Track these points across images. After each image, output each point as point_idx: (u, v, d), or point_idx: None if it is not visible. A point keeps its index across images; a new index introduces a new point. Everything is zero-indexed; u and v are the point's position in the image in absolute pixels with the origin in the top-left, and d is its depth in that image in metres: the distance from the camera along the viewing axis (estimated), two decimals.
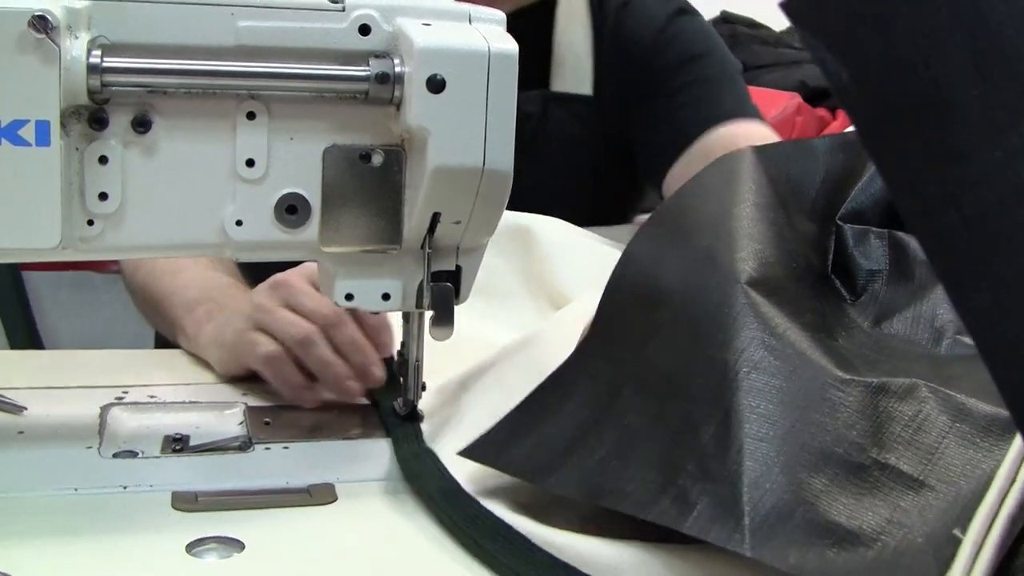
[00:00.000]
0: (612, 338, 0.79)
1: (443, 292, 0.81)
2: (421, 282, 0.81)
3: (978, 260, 0.42)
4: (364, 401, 0.94)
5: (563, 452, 0.72)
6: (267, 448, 0.84)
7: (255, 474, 0.79)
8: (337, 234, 0.78)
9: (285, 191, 0.77)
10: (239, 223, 0.76)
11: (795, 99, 2.70)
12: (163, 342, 1.49)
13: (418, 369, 0.87)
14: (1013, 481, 0.60)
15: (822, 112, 2.76)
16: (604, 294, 0.81)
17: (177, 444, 0.84)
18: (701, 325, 0.73)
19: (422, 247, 0.80)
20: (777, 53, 3.15)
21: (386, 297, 0.82)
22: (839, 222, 0.89)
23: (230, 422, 0.89)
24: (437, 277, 0.81)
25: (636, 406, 0.72)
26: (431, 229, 0.79)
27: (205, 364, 1.01)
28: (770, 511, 0.63)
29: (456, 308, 0.83)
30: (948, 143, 0.42)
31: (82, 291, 2.19)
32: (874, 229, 0.87)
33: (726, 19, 3.29)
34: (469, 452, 0.76)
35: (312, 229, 0.78)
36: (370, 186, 0.78)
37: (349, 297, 0.81)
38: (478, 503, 0.73)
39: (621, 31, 1.40)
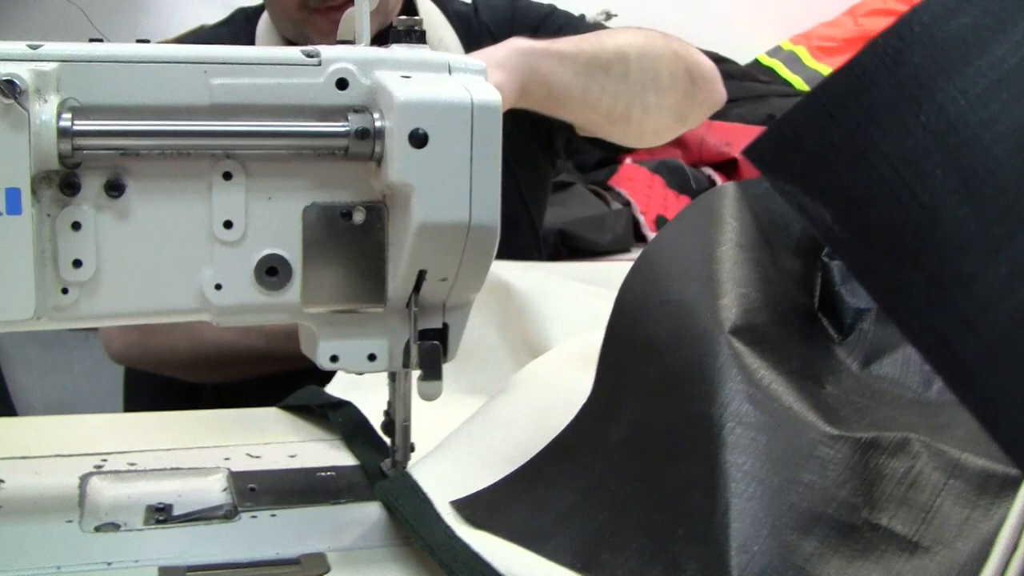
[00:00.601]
0: (610, 398, 0.77)
1: (431, 350, 0.79)
2: (408, 341, 0.79)
3: (1008, 383, 0.40)
4: (351, 462, 0.91)
5: (560, 519, 0.70)
6: (253, 516, 0.81)
7: (243, 545, 0.77)
8: (319, 294, 0.76)
9: (265, 252, 0.75)
10: (218, 287, 0.74)
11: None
12: (134, 402, 1.47)
13: (406, 429, 0.84)
14: (1015, 549, 0.58)
15: None
16: (601, 352, 0.79)
17: (160, 514, 0.81)
18: (687, 379, 0.71)
19: (407, 305, 0.78)
20: (743, 87, 3.15)
21: (372, 358, 0.79)
22: (824, 259, 0.87)
23: (213, 488, 0.87)
24: (424, 336, 0.79)
25: (631, 470, 0.70)
26: (416, 287, 0.77)
27: (184, 427, 0.99)
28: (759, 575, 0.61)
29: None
30: (950, 267, 0.41)
31: (53, 349, 2.15)
32: None
33: None
34: (462, 507, 0.73)
35: (294, 290, 0.76)
36: (352, 244, 0.76)
37: (334, 359, 0.79)
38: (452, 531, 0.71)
39: (479, 22, 1.49)
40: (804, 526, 0.63)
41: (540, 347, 1.04)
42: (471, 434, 0.81)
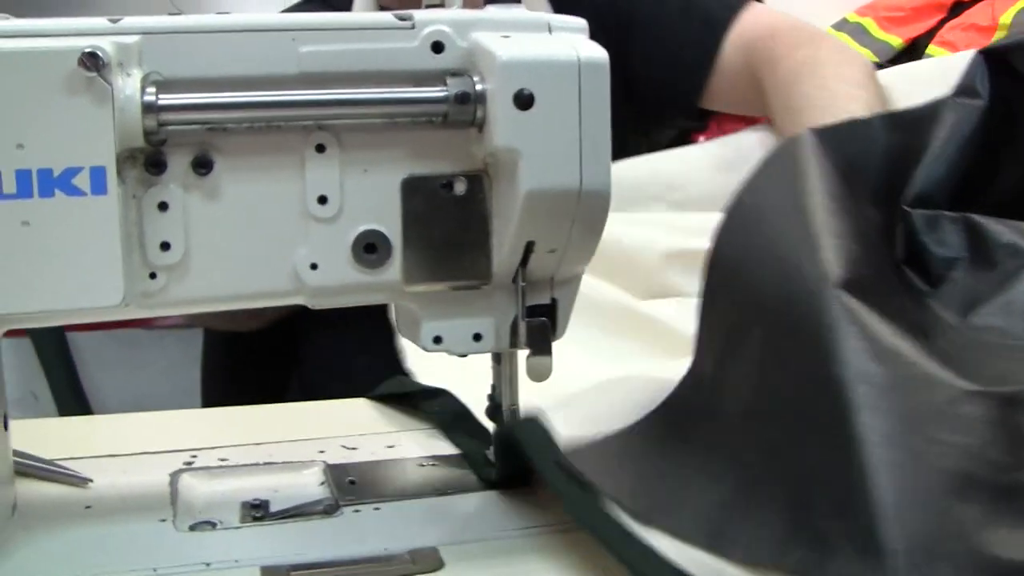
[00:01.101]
0: (717, 365, 0.71)
1: (540, 327, 0.74)
2: (515, 318, 0.74)
3: None
4: (453, 451, 0.86)
5: (676, 490, 0.65)
6: (356, 510, 0.76)
7: (348, 540, 0.72)
8: (421, 272, 0.71)
9: (362, 228, 0.70)
10: (314, 267, 0.70)
11: None
12: (211, 400, 1.43)
13: (514, 414, 0.79)
14: None
15: None
16: (700, 313, 0.74)
17: (257, 511, 0.76)
18: (800, 339, 0.65)
19: (514, 280, 0.73)
20: None
21: (477, 338, 0.75)
22: (906, 208, 0.81)
23: (310, 482, 0.82)
24: (532, 312, 0.74)
25: (753, 439, 0.65)
26: (524, 260, 0.72)
27: (272, 420, 0.95)
28: (917, 547, 0.56)
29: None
30: None
31: (129, 350, 2.12)
32: (947, 213, 0.79)
33: None
34: (571, 456, 0.69)
35: (394, 268, 0.71)
36: (454, 217, 0.71)
37: (438, 340, 0.74)
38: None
39: None
40: (958, 490, 0.57)
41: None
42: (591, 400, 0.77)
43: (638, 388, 0.78)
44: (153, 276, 0.67)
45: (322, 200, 0.69)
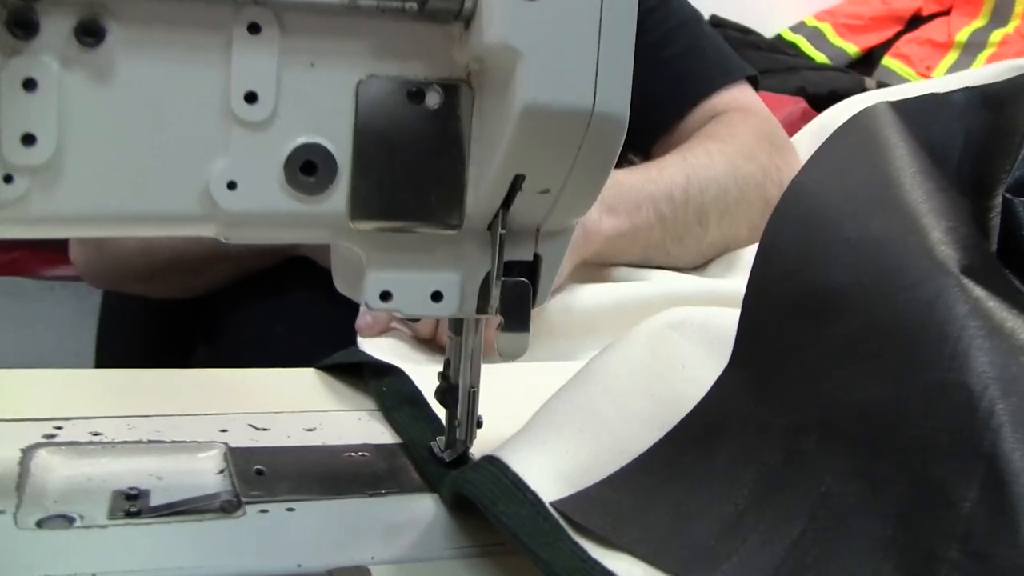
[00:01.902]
0: (768, 368, 0.55)
1: (517, 291, 0.58)
2: (487, 276, 0.57)
3: None
4: (390, 439, 0.69)
5: (723, 533, 0.49)
6: (263, 510, 0.59)
7: (251, 550, 0.55)
8: (372, 205, 0.54)
9: (301, 141, 0.53)
10: (232, 186, 0.52)
11: (800, 103, 2.50)
12: (106, 361, 1.24)
13: (473, 398, 0.63)
14: None
15: None
16: (745, 308, 0.58)
17: (132, 504, 0.59)
18: (911, 337, 0.49)
19: (490, 227, 0.56)
20: (771, 58, 2.96)
21: (437, 297, 0.58)
22: (1008, 196, 0.66)
23: (205, 470, 0.65)
24: (508, 270, 0.57)
25: (830, 464, 0.49)
26: (506, 200, 0.55)
27: (168, 387, 0.77)
28: None
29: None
30: None
31: (11, 302, 1.90)
32: None
33: (716, 23, 3.09)
34: (573, 510, 0.52)
35: (337, 197, 0.54)
36: (422, 137, 0.54)
37: (386, 296, 0.57)
38: None
39: None
40: None
41: None
42: (572, 409, 0.59)
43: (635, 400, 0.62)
44: (8, 179, 0.49)
45: (250, 98, 0.52)
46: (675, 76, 1.23)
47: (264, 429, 0.71)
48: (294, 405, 0.75)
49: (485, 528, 0.58)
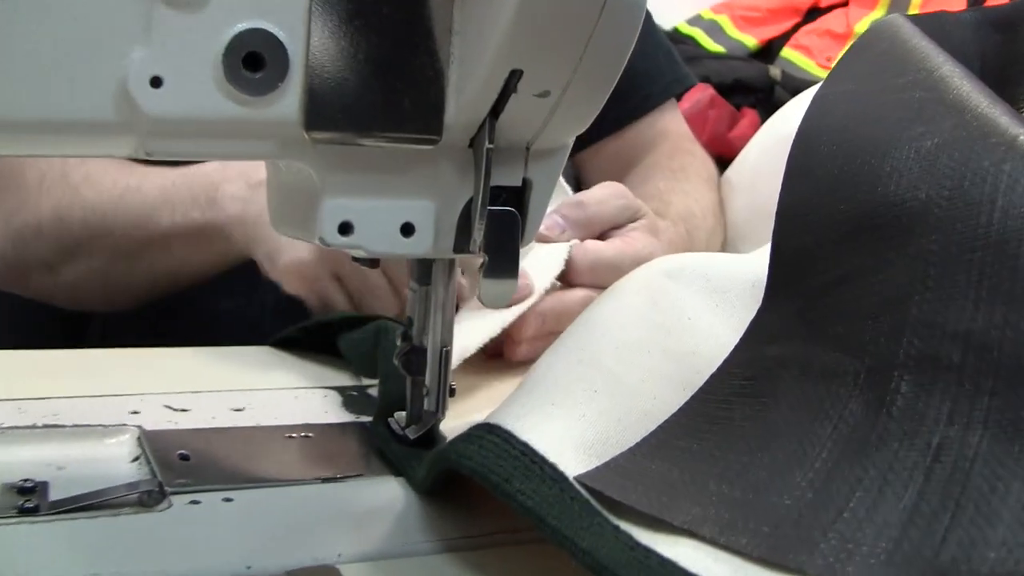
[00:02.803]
0: (822, 302, 0.45)
1: (504, 223, 0.47)
2: (467, 205, 0.47)
3: None
4: (345, 416, 0.58)
5: (809, 503, 0.39)
6: (193, 502, 0.48)
7: (181, 549, 0.44)
8: (331, 111, 0.43)
9: (243, 26, 0.41)
10: (157, 82, 0.41)
11: (707, 91, 2.44)
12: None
13: (446, 359, 0.52)
14: None
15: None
16: (780, 234, 0.48)
17: (28, 499, 0.47)
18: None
19: (473, 143, 0.46)
20: (676, 49, 2.90)
21: (408, 230, 0.47)
22: None
23: (116, 457, 0.53)
24: (493, 197, 0.47)
25: (940, 410, 0.39)
26: (496, 107, 0.44)
27: (70, 366, 0.65)
28: None
29: None
30: None
31: None
32: None
33: None
34: (607, 484, 0.41)
35: (288, 100, 0.43)
36: (393, 25, 0.43)
37: (346, 229, 0.46)
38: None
39: None
40: None
41: None
42: (580, 366, 0.49)
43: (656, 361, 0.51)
44: None
45: None
46: (629, 77, 1.14)
47: (183, 410, 0.59)
48: (215, 384, 0.64)
49: (471, 516, 0.47)
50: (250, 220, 0.77)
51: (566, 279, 0.72)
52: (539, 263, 0.71)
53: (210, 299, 0.87)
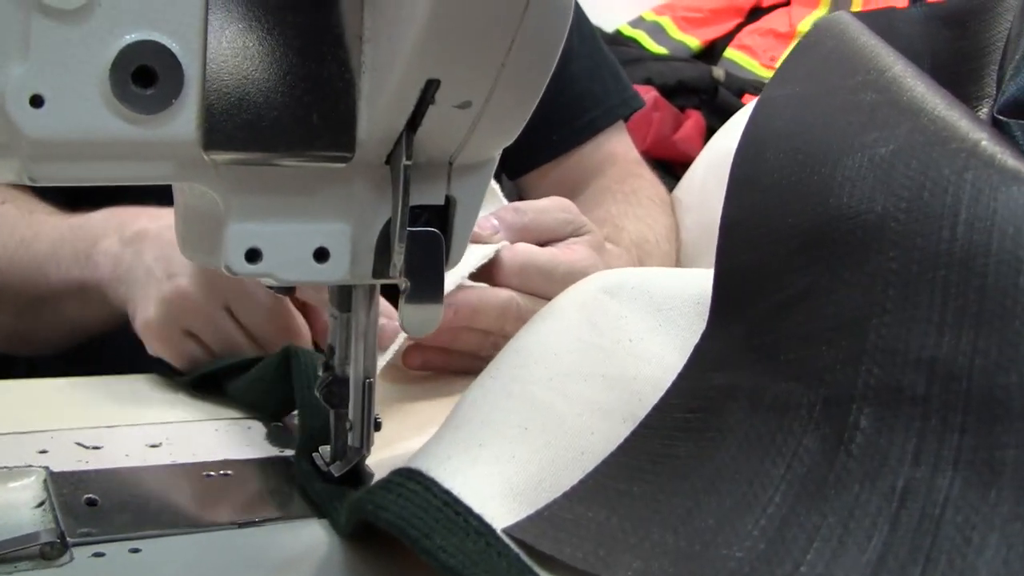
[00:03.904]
0: (772, 326, 0.42)
1: (426, 245, 0.44)
2: (387, 226, 0.43)
3: None
4: (269, 451, 0.55)
5: (761, 555, 0.36)
6: (97, 554, 0.44)
7: None
8: (232, 128, 0.40)
9: (132, 38, 0.38)
10: (38, 101, 0.37)
11: (650, 92, 2.41)
12: None
13: (369, 391, 0.48)
14: None
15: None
16: (724, 253, 0.45)
17: None
18: (997, 268, 0.37)
19: (390, 159, 0.42)
20: (614, 51, 2.87)
21: (321, 256, 0.43)
22: (998, 116, 0.56)
23: (20, 503, 0.49)
24: (411, 220, 0.44)
25: (903, 448, 0.36)
26: (413, 120, 0.41)
27: None
28: None
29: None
30: None
31: None
32: None
33: None
34: (538, 536, 0.38)
35: (184, 117, 0.39)
36: (297, 33, 0.40)
37: (254, 256, 0.42)
38: None
39: None
40: None
41: None
42: (509, 400, 0.46)
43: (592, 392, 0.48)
44: None
45: None
46: (575, 99, 1.12)
47: (95, 448, 0.55)
48: (131, 417, 0.60)
49: (400, 562, 0.44)
50: (120, 278, 0.74)
51: (492, 280, 0.68)
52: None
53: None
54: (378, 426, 0.49)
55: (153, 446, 0.56)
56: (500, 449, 0.42)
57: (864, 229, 0.39)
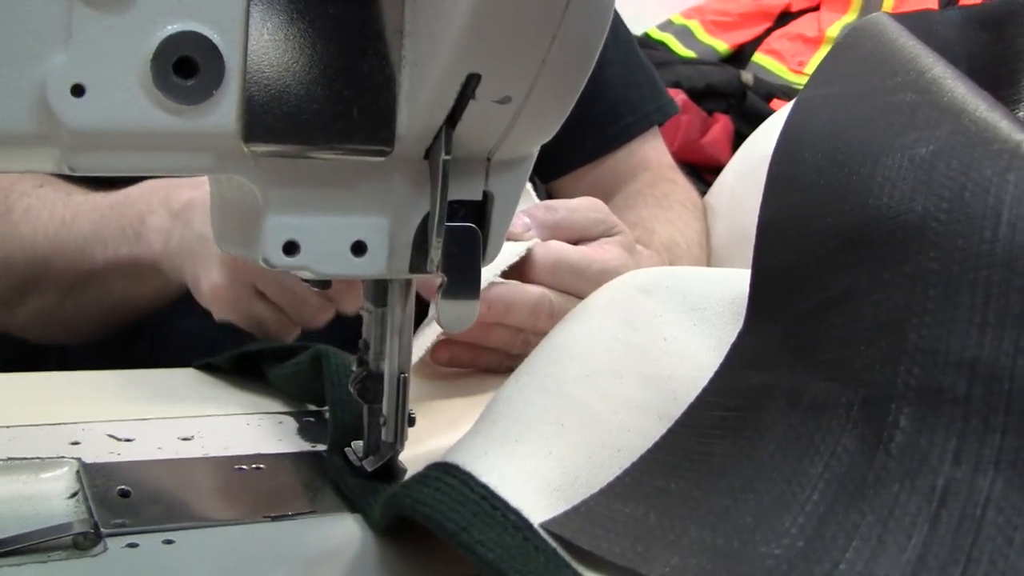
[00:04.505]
0: (809, 326, 0.42)
1: (464, 240, 0.44)
2: (425, 220, 0.43)
3: None
4: (301, 445, 0.55)
5: (799, 553, 0.35)
6: (131, 544, 0.44)
7: None
8: (272, 120, 0.40)
9: (173, 28, 0.38)
10: (79, 91, 0.37)
11: (679, 96, 2.41)
12: None
13: (403, 386, 0.48)
14: None
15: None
16: (761, 253, 0.45)
17: None
18: None
19: (428, 153, 0.42)
20: (647, 54, 2.87)
21: (359, 249, 0.43)
22: None
23: (52, 493, 0.49)
24: (449, 214, 0.43)
25: (944, 448, 0.36)
26: (453, 115, 0.41)
27: (6, 393, 0.61)
28: None
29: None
30: None
31: None
32: None
33: None
34: (576, 532, 0.38)
35: (224, 108, 0.39)
36: (337, 27, 0.40)
37: (292, 249, 0.42)
38: None
39: None
40: None
41: None
42: (545, 396, 0.45)
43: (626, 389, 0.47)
44: None
45: None
46: (610, 105, 1.11)
47: (127, 440, 0.55)
48: (164, 410, 0.60)
49: (433, 557, 0.43)
50: (173, 252, 0.74)
51: (525, 277, 0.68)
52: None
53: (168, 320, 0.84)
54: (412, 421, 0.49)
55: (185, 439, 0.56)
56: (537, 445, 0.42)
57: (904, 229, 0.39)
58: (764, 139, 1.04)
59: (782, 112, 1.11)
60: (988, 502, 0.34)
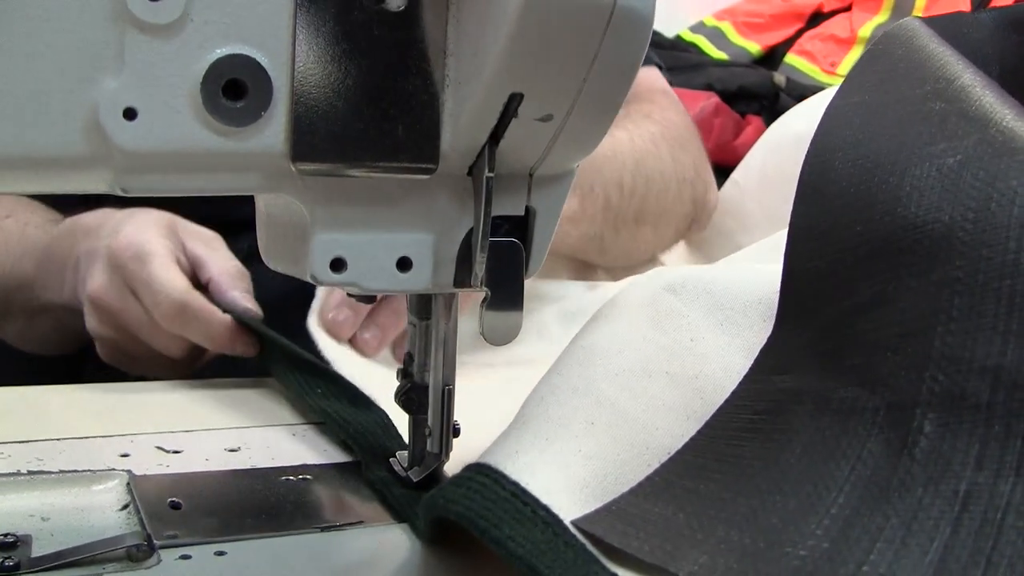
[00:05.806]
0: (838, 331, 0.42)
1: (507, 254, 0.44)
2: (467, 236, 0.44)
3: None
4: (336, 457, 0.56)
5: (825, 554, 0.36)
6: (183, 556, 0.45)
7: None
8: (319, 140, 0.40)
9: (223, 52, 0.39)
10: (131, 114, 0.38)
11: (712, 98, 2.41)
12: None
13: (448, 398, 0.49)
14: None
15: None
16: (792, 257, 0.45)
17: (8, 555, 0.44)
18: None
19: (472, 170, 0.43)
20: (675, 56, 2.87)
21: (405, 265, 0.44)
22: None
23: (104, 505, 0.50)
24: (492, 229, 0.44)
25: (966, 453, 0.36)
26: (496, 132, 0.41)
27: (54, 405, 0.62)
28: None
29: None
30: None
31: None
32: None
33: None
34: (606, 530, 0.39)
35: (273, 129, 0.40)
36: (383, 47, 0.41)
37: (339, 266, 0.43)
38: None
39: None
40: None
41: None
42: (575, 396, 0.46)
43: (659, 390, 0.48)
44: None
45: None
46: None
47: (176, 452, 0.56)
48: (210, 421, 0.61)
49: (480, 564, 0.44)
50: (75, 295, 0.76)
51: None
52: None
53: None
54: (457, 431, 0.50)
55: (232, 450, 0.57)
56: (567, 444, 0.43)
57: (931, 238, 0.40)
58: (789, 120, 1.05)
59: (812, 99, 1.11)
60: (1008, 507, 0.34)
